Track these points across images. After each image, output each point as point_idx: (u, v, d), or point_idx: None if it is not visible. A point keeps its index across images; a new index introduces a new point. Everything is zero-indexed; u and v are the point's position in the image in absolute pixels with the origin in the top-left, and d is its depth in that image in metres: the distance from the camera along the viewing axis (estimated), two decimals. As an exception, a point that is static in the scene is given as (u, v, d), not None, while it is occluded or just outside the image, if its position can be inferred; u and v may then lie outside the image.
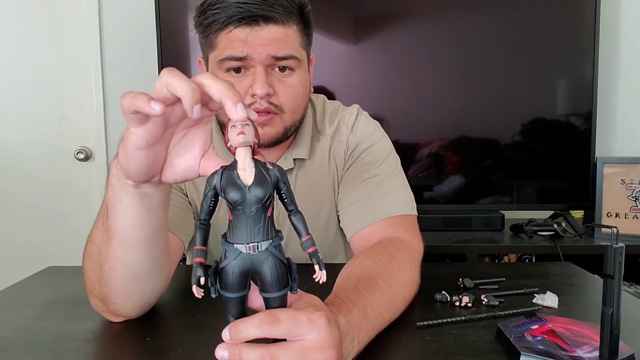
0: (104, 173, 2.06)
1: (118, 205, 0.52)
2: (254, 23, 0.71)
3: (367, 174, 0.84)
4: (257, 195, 0.40)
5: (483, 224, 1.78)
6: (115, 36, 2.01)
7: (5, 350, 0.58)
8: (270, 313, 0.42)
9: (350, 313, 0.52)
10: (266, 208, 0.41)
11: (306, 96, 0.82)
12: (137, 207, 0.52)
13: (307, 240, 0.43)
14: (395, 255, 0.69)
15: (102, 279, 0.59)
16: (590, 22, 1.72)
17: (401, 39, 1.80)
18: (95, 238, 0.59)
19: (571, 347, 0.52)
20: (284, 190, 0.43)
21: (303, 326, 0.42)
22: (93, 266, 0.60)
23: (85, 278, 0.64)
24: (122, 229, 0.54)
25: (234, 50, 0.73)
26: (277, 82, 0.75)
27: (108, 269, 0.58)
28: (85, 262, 0.63)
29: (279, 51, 0.73)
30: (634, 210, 1.66)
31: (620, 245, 0.48)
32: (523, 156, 1.81)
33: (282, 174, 0.42)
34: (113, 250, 0.56)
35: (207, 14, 0.74)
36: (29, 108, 2.06)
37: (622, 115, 1.92)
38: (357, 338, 0.51)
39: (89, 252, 0.61)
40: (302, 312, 0.43)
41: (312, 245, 0.43)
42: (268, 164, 0.42)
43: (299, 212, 0.44)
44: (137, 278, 0.60)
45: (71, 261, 0.90)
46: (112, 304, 0.62)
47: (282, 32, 0.73)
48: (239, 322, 0.42)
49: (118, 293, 0.60)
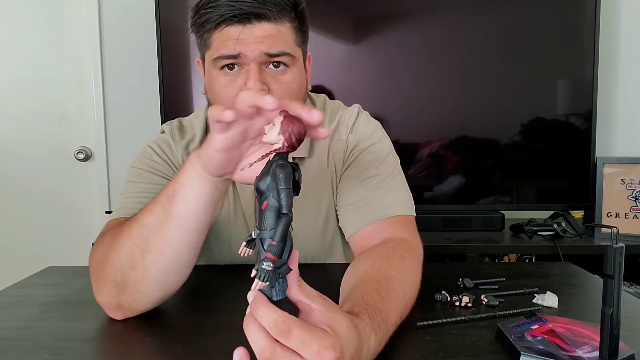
0: (104, 173, 2.06)
1: (189, 192, 0.58)
2: (246, 21, 0.72)
3: (367, 174, 0.84)
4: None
5: (483, 224, 1.78)
6: (115, 36, 2.01)
7: (5, 350, 0.58)
8: (286, 322, 0.40)
9: (380, 329, 0.52)
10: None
11: (302, 93, 0.82)
12: (206, 196, 0.58)
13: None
14: (406, 257, 0.69)
15: (142, 264, 0.62)
16: (590, 22, 1.72)
17: (401, 39, 1.79)
18: (148, 222, 0.62)
19: (571, 347, 0.52)
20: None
21: (310, 353, 0.40)
22: (134, 250, 0.62)
23: (105, 265, 0.64)
24: (185, 214, 0.59)
25: (227, 48, 0.73)
26: (271, 80, 0.75)
27: (155, 253, 0.61)
28: (119, 248, 0.64)
29: (271, 48, 0.73)
30: (634, 210, 1.66)
31: (620, 245, 0.48)
32: (523, 156, 1.81)
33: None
34: (168, 233, 0.60)
35: (201, 14, 0.74)
36: (29, 108, 2.06)
37: (622, 115, 1.92)
38: (374, 353, 0.51)
39: (132, 236, 0.63)
40: (315, 339, 0.41)
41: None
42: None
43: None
44: (180, 264, 0.64)
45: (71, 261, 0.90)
46: (137, 292, 0.64)
47: (275, 29, 0.73)
48: (262, 303, 0.42)
49: (154, 280, 0.63)
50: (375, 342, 0.50)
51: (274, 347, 0.40)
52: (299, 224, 0.89)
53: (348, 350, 0.43)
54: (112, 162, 2.07)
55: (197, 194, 0.58)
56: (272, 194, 0.43)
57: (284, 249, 0.42)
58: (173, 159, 0.85)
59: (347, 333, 0.44)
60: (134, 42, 1.99)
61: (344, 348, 0.42)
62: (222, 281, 0.84)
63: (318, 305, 0.44)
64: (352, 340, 0.44)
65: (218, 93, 0.76)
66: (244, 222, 0.87)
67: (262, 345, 0.41)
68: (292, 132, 0.44)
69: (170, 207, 0.60)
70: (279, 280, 0.43)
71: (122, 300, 0.64)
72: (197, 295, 0.75)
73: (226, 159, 0.53)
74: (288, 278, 0.44)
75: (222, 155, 0.53)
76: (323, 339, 0.41)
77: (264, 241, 0.43)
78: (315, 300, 0.45)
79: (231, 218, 0.88)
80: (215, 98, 0.78)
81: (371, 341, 0.50)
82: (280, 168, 0.43)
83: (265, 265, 0.42)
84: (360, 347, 0.46)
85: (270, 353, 0.40)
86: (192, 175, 0.58)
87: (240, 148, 0.54)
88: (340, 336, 0.43)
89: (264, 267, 0.42)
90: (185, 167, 0.59)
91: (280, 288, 0.43)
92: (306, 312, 0.45)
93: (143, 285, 0.63)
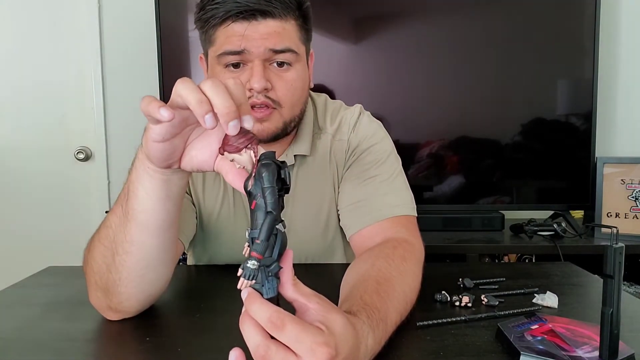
0: (104, 173, 2.06)
1: (140, 188, 0.56)
2: (252, 17, 0.72)
3: (368, 174, 0.84)
4: None
5: (483, 224, 1.78)
6: (115, 36, 2.01)
7: (5, 350, 0.58)
8: (280, 317, 0.41)
9: (378, 328, 0.52)
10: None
11: (305, 91, 0.82)
12: (158, 192, 0.56)
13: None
14: (406, 258, 0.69)
15: (114, 265, 0.61)
16: (590, 22, 1.72)
17: (401, 39, 1.80)
18: (112, 223, 0.61)
19: (571, 347, 0.52)
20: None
21: (303, 349, 0.40)
22: (105, 252, 0.61)
23: (89, 269, 0.64)
24: (141, 212, 0.57)
25: (232, 44, 0.73)
26: (275, 77, 0.75)
27: (122, 254, 0.60)
28: (93, 251, 0.63)
29: (276, 44, 0.73)
30: (634, 210, 1.66)
31: (620, 245, 0.48)
32: (523, 156, 1.81)
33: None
34: (129, 233, 0.59)
35: (206, 9, 0.75)
36: (29, 108, 2.06)
37: (622, 115, 1.92)
38: (372, 352, 0.51)
39: (101, 238, 0.62)
40: (309, 335, 0.40)
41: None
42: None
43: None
44: (150, 264, 0.62)
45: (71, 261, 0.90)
46: (118, 294, 0.62)
47: (280, 26, 0.74)
48: (256, 299, 0.42)
49: (128, 280, 0.61)
50: (373, 341, 0.50)
51: (269, 344, 0.40)
52: (301, 223, 0.89)
53: (343, 348, 0.43)
54: (112, 162, 2.07)
55: (148, 190, 0.56)
56: (258, 194, 0.43)
57: (273, 247, 0.43)
58: None
59: (343, 331, 0.44)
60: (134, 42, 1.99)
61: (338, 346, 0.42)
62: (222, 281, 0.83)
63: (314, 304, 0.44)
64: (347, 339, 0.44)
65: None
66: (245, 221, 0.87)
67: (256, 342, 0.41)
68: (239, 144, 0.45)
69: (126, 206, 0.58)
70: (268, 278, 0.43)
71: (109, 303, 0.64)
72: (197, 296, 0.75)
73: (168, 148, 0.50)
74: (281, 276, 0.44)
75: (163, 146, 0.49)
76: (316, 336, 0.41)
77: (254, 240, 0.43)
78: (310, 299, 0.45)
79: (231, 217, 0.88)
80: None
81: (369, 340, 0.49)
82: (263, 167, 0.43)
83: (250, 263, 0.42)
84: (356, 345, 0.46)
85: (264, 350, 0.40)
86: (140, 170, 0.55)
87: (182, 135, 0.50)
88: (335, 334, 0.42)
89: (248, 266, 0.42)
90: (134, 163, 0.57)
91: (270, 286, 0.43)
92: (302, 311, 0.45)
93: (121, 286, 0.62)
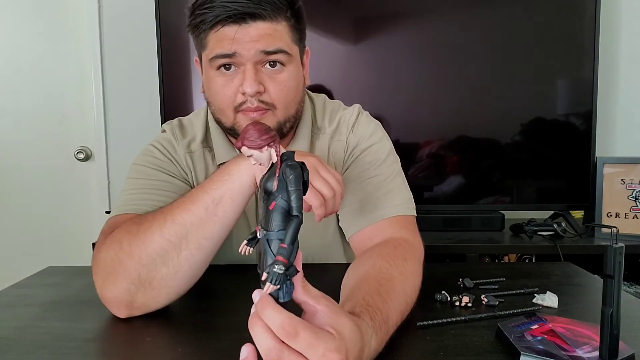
0: (104, 173, 2.06)
1: (239, 197, 0.66)
2: (242, 21, 0.72)
3: (367, 174, 0.84)
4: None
5: (483, 224, 1.78)
6: (115, 36, 2.01)
7: (5, 350, 0.58)
8: (293, 324, 0.41)
9: (380, 330, 0.52)
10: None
11: (299, 91, 0.82)
12: (247, 199, 0.67)
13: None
14: (407, 258, 0.69)
15: (176, 260, 0.65)
16: (590, 22, 1.72)
17: (401, 39, 1.79)
18: (186, 221, 0.65)
19: (571, 347, 0.52)
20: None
21: (315, 356, 0.41)
22: (167, 247, 0.64)
23: (131, 263, 0.64)
24: (232, 215, 0.66)
25: (223, 48, 0.73)
26: (267, 79, 0.75)
27: (193, 249, 0.65)
28: (147, 245, 0.64)
29: (268, 46, 0.73)
30: (634, 210, 1.66)
31: (620, 245, 0.48)
32: (523, 156, 1.81)
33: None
34: (211, 230, 0.66)
35: (196, 15, 0.75)
36: (29, 108, 2.06)
37: (622, 115, 1.92)
38: (375, 353, 0.51)
39: (164, 233, 0.65)
40: (321, 342, 0.41)
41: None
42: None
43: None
44: (209, 258, 0.69)
45: (71, 261, 0.90)
46: (162, 287, 0.65)
47: (271, 27, 0.73)
48: (269, 303, 0.42)
49: (185, 274, 0.66)
50: (376, 342, 0.51)
51: (281, 348, 0.41)
52: None
53: (352, 352, 0.43)
54: (112, 162, 2.07)
55: (247, 199, 0.66)
56: (280, 195, 0.42)
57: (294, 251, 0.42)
58: (176, 156, 0.85)
59: (351, 335, 0.44)
60: (134, 42, 1.99)
61: (348, 351, 0.43)
62: (223, 281, 0.84)
63: (322, 307, 0.44)
64: (356, 343, 0.45)
65: (216, 93, 0.77)
66: (245, 221, 0.87)
67: (269, 346, 0.41)
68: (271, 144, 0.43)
69: (216, 209, 0.65)
70: (286, 282, 0.43)
71: (139, 298, 0.65)
72: (198, 296, 0.75)
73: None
74: (294, 279, 0.44)
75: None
76: (328, 342, 0.41)
77: (271, 242, 0.42)
78: (319, 301, 0.45)
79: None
80: (213, 97, 0.78)
81: (372, 342, 0.50)
82: (290, 169, 0.42)
83: (277, 268, 0.41)
84: (362, 348, 0.46)
85: (277, 354, 0.41)
86: (250, 186, 0.65)
87: None
88: (345, 338, 0.43)
89: (275, 271, 0.41)
90: (230, 171, 0.66)
91: (287, 290, 0.43)
92: (310, 313, 0.45)
93: (174, 280, 0.65)
